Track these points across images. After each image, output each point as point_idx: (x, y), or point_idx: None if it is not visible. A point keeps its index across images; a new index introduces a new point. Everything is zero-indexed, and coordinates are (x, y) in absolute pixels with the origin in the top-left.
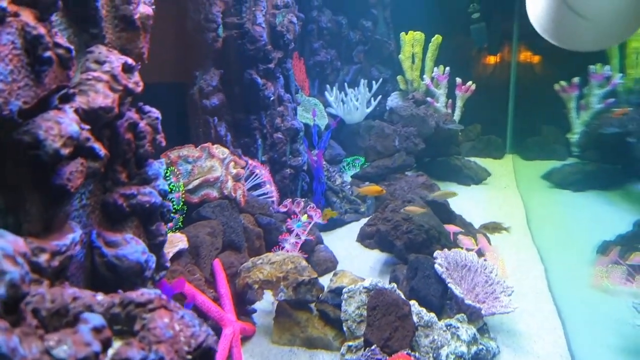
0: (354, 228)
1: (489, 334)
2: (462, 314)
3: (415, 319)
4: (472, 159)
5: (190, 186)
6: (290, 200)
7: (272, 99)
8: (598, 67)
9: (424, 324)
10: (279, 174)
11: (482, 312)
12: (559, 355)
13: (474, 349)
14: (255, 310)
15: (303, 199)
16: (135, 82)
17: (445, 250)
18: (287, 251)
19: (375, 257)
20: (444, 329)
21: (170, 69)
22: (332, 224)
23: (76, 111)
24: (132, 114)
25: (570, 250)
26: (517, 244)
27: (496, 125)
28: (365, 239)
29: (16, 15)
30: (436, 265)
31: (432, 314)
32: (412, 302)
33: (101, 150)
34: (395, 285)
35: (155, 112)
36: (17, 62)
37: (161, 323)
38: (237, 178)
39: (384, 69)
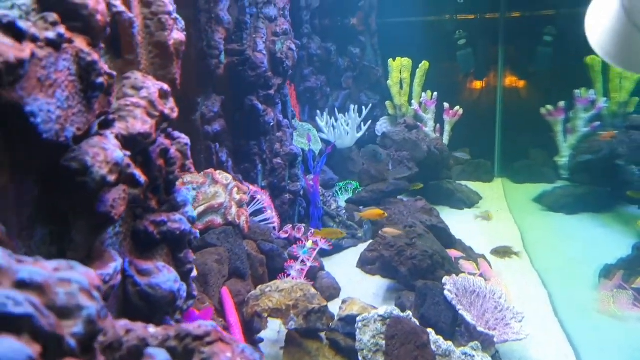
0: (353, 253)
1: None
2: (476, 342)
3: (433, 347)
4: (463, 182)
5: (195, 213)
6: (291, 226)
7: (272, 124)
8: (583, 91)
9: (442, 352)
10: (279, 199)
11: (495, 339)
12: None
13: None
14: (262, 340)
15: (303, 225)
16: (170, 107)
17: (454, 276)
18: (293, 278)
19: (378, 283)
20: (462, 358)
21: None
22: (330, 250)
23: (117, 137)
24: (163, 140)
25: (572, 274)
26: (517, 268)
27: (484, 149)
28: (366, 264)
29: (71, 41)
30: (446, 292)
31: (450, 343)
32: (429, 330)
33: (141, 176)
34: (411, 313)
35: (185, 138)
36: (72, 89)
37: (224, 357)
38: (240, 204)
39: (372, 94)
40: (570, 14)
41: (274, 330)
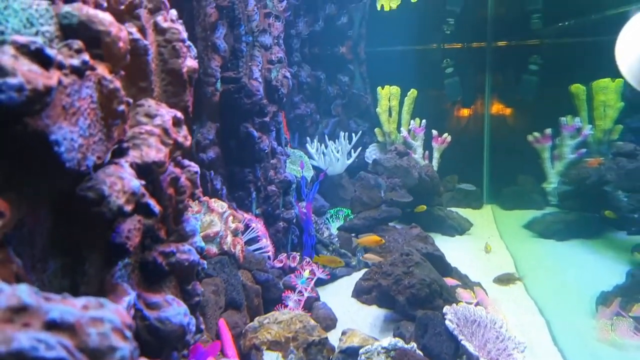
0: (347, 282)
1: None
2: None
3: None
4: (453, 209)
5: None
6: (285, 255)
7: (266, 151)
8: (569, 118)
9: None
10: (273, 227)
11: None
12: None
13: None
14: None
15: (297, 253)
16: (184, 136)
17: (454, 305)
18: (291, 309)
19: (375, 313)
20: None
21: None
22: (324, 279)
23: (131, 165)
24: (173, 168)
25: (568, 302)
26: (513, 295)
27: (473, 176)
28: (361, 294)
29: (93, 68)
30: (447, 322)
31: None
32: None
33: (156, 206)
34: (415, 345)
35: (195, 167)
36: (93, 116)
37: None
38: (235, 233)
39: (361, 121)
40: (555, 44)
41: None
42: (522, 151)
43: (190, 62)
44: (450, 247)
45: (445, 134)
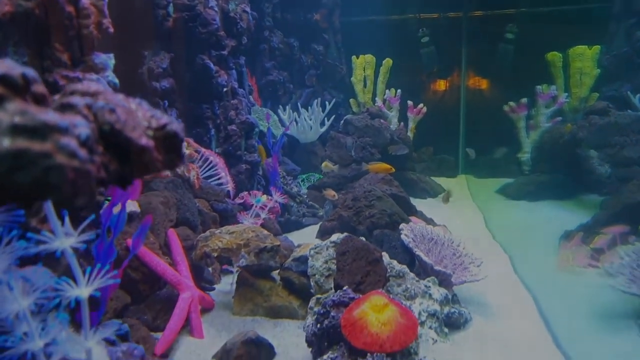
0: (313, 230)
1: (460, 304)
2: (433, 278)
3: (387, 269)
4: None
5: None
6: (247, 192)
7: (225, 89)
8: (544, 87)
9: (396, 274)
10: (234, 168)
11: (452, 279)
12: (530, 320)
13: (446, 309)
14: (213, 289)
15: (260, 192)
16: None
17: (411, 223)
18: None
19: None
20: (415, 282)
21: (117, 46)
22: (290, 227)
23: None
24: None
25: (533, 243)
26: (479, 240)
27: (448, 147)
28: (325, 234)
29: None
30: (402, 236)
31: (404, 266)
32: (383, 253)
33: None
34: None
35: None
36: None
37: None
38: (189, 159)
39: (336, 93)
40: (531, 12)
41: (226, 283)
42: (498, 121)
43: None
44: (420, 207)
45: (421, 105)
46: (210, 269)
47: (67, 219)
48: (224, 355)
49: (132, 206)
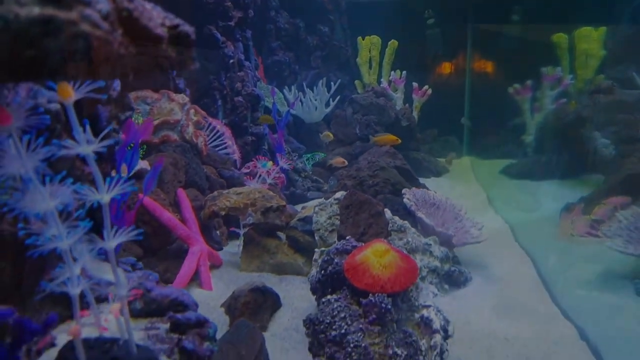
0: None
1: (460, 265)
2: (434, 237)
3: (389, 223)
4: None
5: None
6: (255, 158)
7: (232, 61)
8: (549, 69)
9: (397, 228)
10: (241, 139)
11: (453, 241)
12: (529, 280)
13: (446, 267)
14: (221, 249)
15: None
16: None
17: (414, 188)
18: None
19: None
20: (416, 238)
21: None
22: (295, 201)
23: None
24: None
25: (535, 216)
26: (482, 213)
27: (453, 129)
28: None
29: None
30: (405, 199)
31: (405, 222)
32: (385, 209)
33: None
34: None
35: None
36: None
37: None
38: (197, 126)
39: (341, 74)
40: None
41: (234, 244)
42: (503, 103)
43: None
44: (426, 184)
45: (426, 86)
46: (218, 232)
47: (87, 127)
48: (232, 302)
49: (142, 164)
